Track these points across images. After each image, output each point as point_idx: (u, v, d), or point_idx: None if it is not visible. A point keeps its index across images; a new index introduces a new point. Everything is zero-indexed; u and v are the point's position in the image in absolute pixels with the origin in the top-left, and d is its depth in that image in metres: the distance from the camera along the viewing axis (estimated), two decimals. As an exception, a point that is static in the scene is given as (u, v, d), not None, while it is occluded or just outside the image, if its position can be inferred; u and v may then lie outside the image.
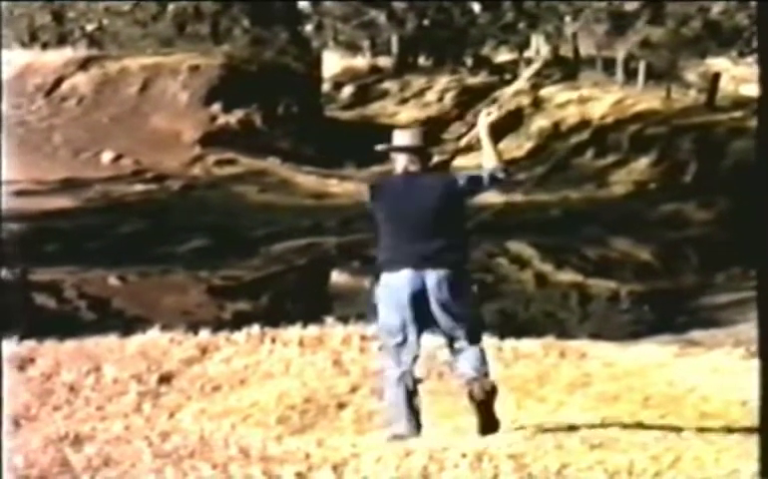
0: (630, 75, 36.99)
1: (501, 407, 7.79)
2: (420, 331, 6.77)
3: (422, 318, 6.71)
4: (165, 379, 8.83)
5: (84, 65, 35.10)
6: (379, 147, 7.15)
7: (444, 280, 6.64)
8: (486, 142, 6.89)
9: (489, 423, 6.81)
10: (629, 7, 36.35)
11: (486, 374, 6.81)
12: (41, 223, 24.02)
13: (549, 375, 8.82)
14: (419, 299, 6.64)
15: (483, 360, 6.86)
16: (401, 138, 6.94)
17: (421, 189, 6.69)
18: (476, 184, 6.89)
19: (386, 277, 6.70)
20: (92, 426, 7.66)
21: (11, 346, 9.72)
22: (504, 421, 7.45)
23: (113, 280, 19.85)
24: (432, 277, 6.63)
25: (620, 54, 37.22)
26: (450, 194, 6.73)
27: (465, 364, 6.83)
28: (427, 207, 6.64)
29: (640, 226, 25.93)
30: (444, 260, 6.63)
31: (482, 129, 6.90)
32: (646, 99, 34.85)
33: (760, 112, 6.31)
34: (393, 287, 6.67)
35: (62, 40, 39.14)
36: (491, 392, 6.75)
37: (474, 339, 6.89)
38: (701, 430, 7.06)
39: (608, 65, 38.70)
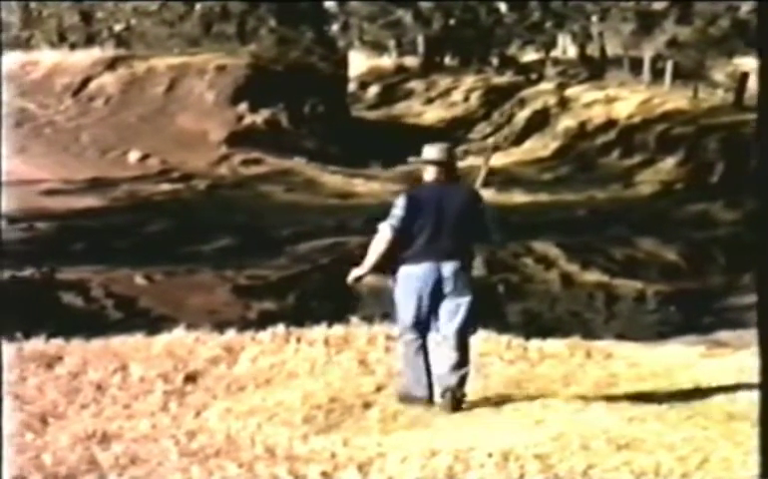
0: (657, 74, 36.85)
1: (526, 407, 7.79)
2: (434, 313, 7.80)
3: (436, 304, 7.78)
4: (191, 378, 8.85)
5: (111, 65, 35.27)
6: (411, 159, 8.31)
7: (457, 272, 7.80)
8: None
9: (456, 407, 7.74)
10: (657, 6, 36.22)
11: (463, 378, 7.77)
12: (69, 222, 24.13)
13: (574, 376, 8.79)
14: (436, 287, 7.77)
15: (464, 360, 7.81)
16: (430, 152, 7.96)
17: (447, 196, 7.83)
18: (484, 230, 8.01)
19: (407, 269, 7.79)
20: (119, 425, 7.69)
21: (38, 344, 9.78)
22: (529, 421, 7.45)
23: (139, 280, 19.91)
24: (448, 269, 7.78)
25: (647, 53, 37.07)
26: (471, 203, 7.91)
27: (445, 363, 7.77)
28: (451, 211, 7.79)
29: (667, 226, 25.82)
30: (458, 255, 7.80)
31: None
32: (673, 98, 34.71)
33: (760, 112, 6.29)
34: (413, 276, 7.76)
35: (90, 40, 39.33)
36: (461, 400, 7.76)
37: (468, 329, 7.93)
38: (728, 431, 7.03)
39: (635, 64, 38.56)
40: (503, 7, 41.23)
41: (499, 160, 34.36)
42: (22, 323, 10.51)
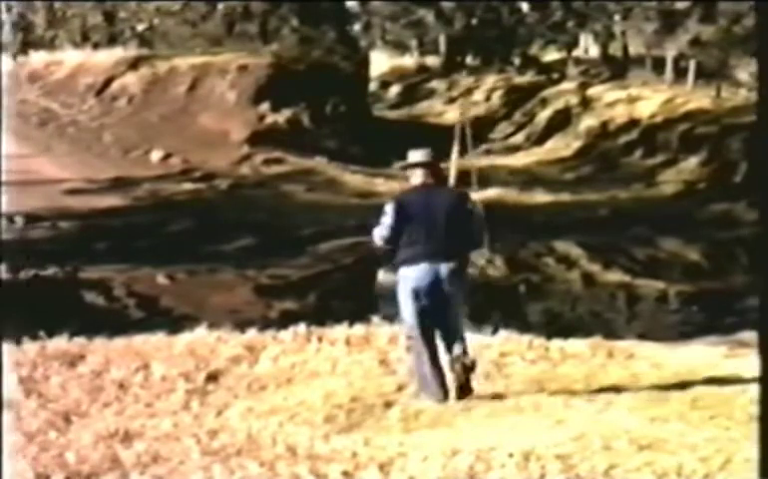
0: (680, 74, 36.70)
1: (547, 407, 7.77)
2: (435, 315, 7.97)
3: (436, 303, 7.95)
4: (212, 377, 8.87)
5: (134, 65, 35.39)
6: (399, 165, 8.58)
7: (453, 272, 7.98)
8: None
9: (465, 390, 7.97)
10: (680, 5, 36.06)
11: (466, 352, 8.04)
12: (91, 221, 24.22)
13: (596, 376, 8.77)
14: (434, 287, 7.93)
15: (464, 341, 8.10)
16: (416, 156, 8.21)
17: (436, 198, 8.04)
18: (470, 233, 8.17)
19: (405, 271, 7.98)
20: (141, 423, 7.72)
21: (61, 343, 9.83)
22: (550, 421, 7.43)
23: (161, 279, 19.97)
24: (444, 269, 7.95)
25: (670, 53, 36.93)
26: (460, 204, 8.12)
27: (453, 346, 8.04)
28: (442, 213, 7.98)
29: (689, 225, 25.72)
30: (453, 255, 7.98)
31: None
32: (696, 98, 34.58)
33: (760, 112, 6.28)
34: (411, 278, 7.94)
35: (113, 40, 39.47)
36: (471, 368, 8.00)
37: (462, 323, 8.17)
38: (751, 432, 6.99)
39: (658, 64, 38.42)
40: (525, 6, 41.14)
41: (521, 159, 34.34)
42: (45, 322, 10.57)
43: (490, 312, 16.82)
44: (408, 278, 7.96)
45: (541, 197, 28.88)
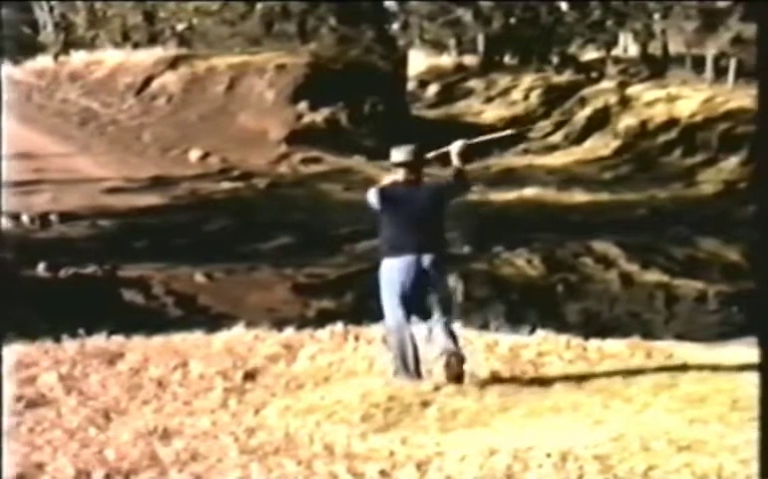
0: (720, 73, 36.42)
1: (585, 407, 7.74)
2: (418, 301, 8.41)
3: (420, 293, 8.40)
4: (250, 376, 8.90)
5: (173, 64, 35.58)
6: (389, 163, 8.83)
7: (436, 262, 8.45)
8: (454, 162, 8.88)
9: (460, 379, 8.33)
10: (721, 4, 35.79)
11: (457, 343, 8.43)
12: (130, 219, 24.36)
13: (634, 376, 8.72)
14: (418, 276, 8.38)
15: (454, 333, 8.49)
16: (398, 155, 8.69)
17: (418, 192, 8.56)
18: (449, 188, 8.85)
19: (390, 262, 8.45)
20: (179, 421, 7.76)
21: (100, 341, 9.89)
22: (588, 421, 7.40)
23: (199, 277, 20.05)
24: (427, 259, 8.41)
25: (711, 51, 36.66)
26: (438, 196, 8.66)
27: (442, 337, 8.39)
28: (422, 206, 8.50)
29: (729, 225, 25.52)
30: (435, 246, 8.48)
31: (453, 154, 8.88)
32: (737, 97, 34.28)
33: (760, 112, 6.22)
34: (395, 268, 8.40)
35: (153, 39, 39.71)
36: (464, 359, 8.40)
37: (449, 312, 8.55)
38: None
39: (698, 63, 38.15)
40: (564, 6, 40.97)
41: (559, 159, 34.22)
42: (85, 320, 10.64)
43: (527, 312, 16.81)
44: (393, 269, 8.41)
45: (579, 196, 28.75)
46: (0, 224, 22.86)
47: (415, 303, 8.44)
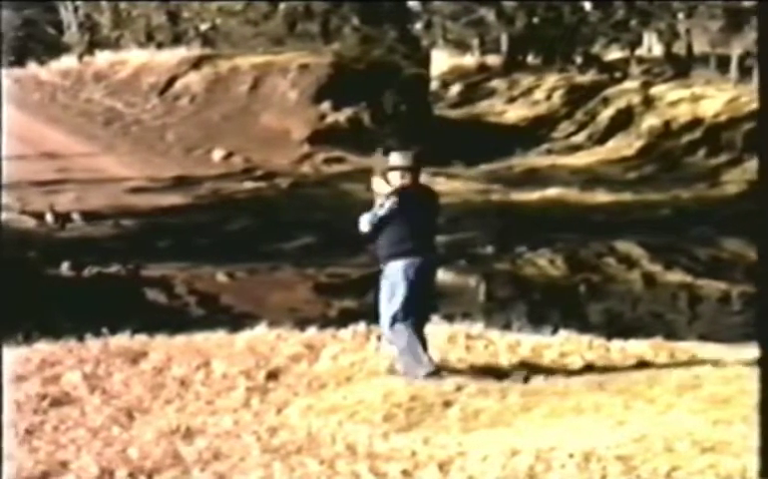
0: (745, 72, 36.23)
1: (608, 407, 7.72)
2: (420, 299, 8.65)
3: (423, 292, 8.68)
4: (272, 375, 8.91)
5: (197, 64, 35.69)
6: (388, 166, 9.08)
7: (434, 263, 8.97)
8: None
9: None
10: (746, 3, 35.59)
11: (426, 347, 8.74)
12: (153, 219, 24.44)
13: (657, 376, 8.69)
14: (423, 278, 8.67)
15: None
16: (398, 159, 9.02)
17: (421, 197, 8.91)
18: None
19: (397, 263, 8.67)
20: (202, 420, 7.78)
21: (124, 340, 9.93)
22: (611, 422, 7.38)
23: (222, 277, 20.10)
24: (429, 262, 8.79)
25: (736, 51, 36.48)
26: (437, 204, 9.14)
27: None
28: (423, 210, 8.86)
29: (753, 226, 25.37)
30: (431, 248, 8.89)
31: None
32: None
33: (760, 113, 6.19)
34: (405, 270, 8.62)
35: (176, 40, 39.84)
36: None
37: (436, 310, 9.26)
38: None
39: (722, 62, 37.96)
40: (587, 5, 40.84)
41: (582, 159, 34.13)
42: (108, 319, 10.68)
43: (550, 312, 16.78)
44: (400, 270, 8.65)
45: (602, 196, 28.67)
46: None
47: (421, 303, 8.68)
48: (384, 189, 8.96)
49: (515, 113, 39.35)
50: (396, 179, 8.91)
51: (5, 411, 7.62)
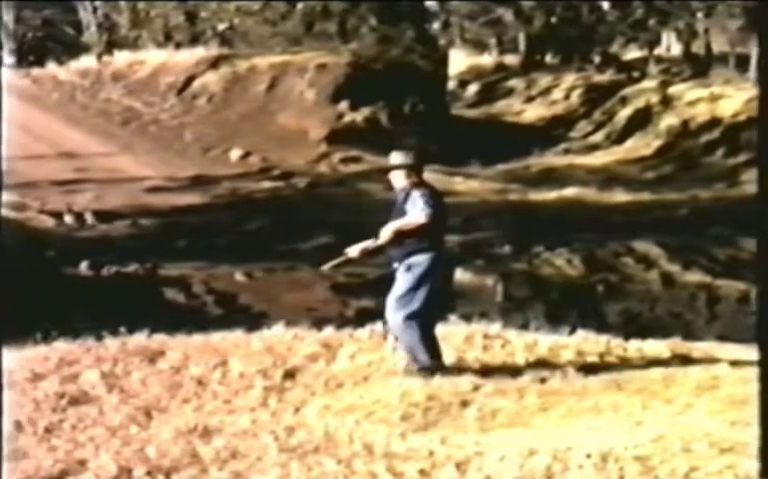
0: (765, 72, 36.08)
1: (626, 408, 7.70)
2: (437, 295, 8.71)
3: (438, 287, 8.70)
4: (290, 375, 8.92)
5: (214, 64, 35.76)
6: (388, 166, 9.22)
7: (446, 258, 8.98)
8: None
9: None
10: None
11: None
12: (171, 218, 24.48)
13: (675, 377, 8.66)
14: (439, 273, 8.71)
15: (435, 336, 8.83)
16: (398, 158, 9.08)
17: (436, 195, 8.89)
18: None
19: (418, 258, 8.68)
20: (219, 419, 7.80)
21: (141, 339, 9.96)
22: (629, 422, 7.36)
23: (239, 276, 20.11)
24: (443, 257, 8.83)
25: (755, 50, 36.33)
26: (441, 197, 9.09)
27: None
28: (440, 208, 8.84)
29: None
30: (444, 244, 8.96)
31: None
32: (781, 96, 33.93)
33: (761, 113, 6.16)
34: (417, 264, 8.67)
35: (194, 39, 39.94)
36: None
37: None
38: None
39: (741, 62, 37.84)
40: (605, 5, 40.77)
41: (600, 158, 34.06)
42: (126, 318, 10.71)
43: (567, 312, 16.75)
44: (422, 265, 8.67)
45: (620, 196, 28.61)
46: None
47: (436, 299, 8.72)
48: (403, 183, 8.96)
49: (532, 112, 39.31)
50: (400, 178, 8.97)
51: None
